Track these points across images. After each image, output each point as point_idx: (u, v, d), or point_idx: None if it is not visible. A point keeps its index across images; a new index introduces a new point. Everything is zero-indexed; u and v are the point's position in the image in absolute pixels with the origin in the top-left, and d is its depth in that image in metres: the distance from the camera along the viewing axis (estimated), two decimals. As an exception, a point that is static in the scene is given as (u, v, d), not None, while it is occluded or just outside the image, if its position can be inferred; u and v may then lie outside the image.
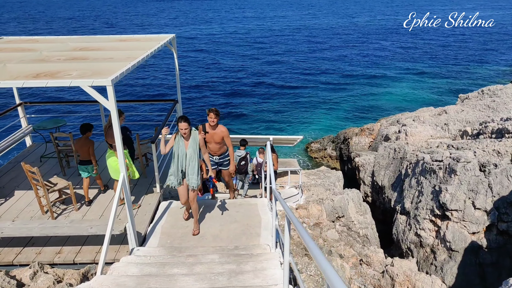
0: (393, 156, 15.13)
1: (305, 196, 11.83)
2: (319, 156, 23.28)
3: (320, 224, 10.23)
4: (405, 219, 11.35)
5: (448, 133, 16.49)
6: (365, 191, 17.05)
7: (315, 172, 16.23)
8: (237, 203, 7.31)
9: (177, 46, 8.94)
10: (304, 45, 53.89)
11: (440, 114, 18.68)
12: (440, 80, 36.52)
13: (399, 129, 17.91)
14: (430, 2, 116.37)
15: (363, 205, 11.34)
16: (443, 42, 53.08)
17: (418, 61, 43.56)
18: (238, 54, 48.50)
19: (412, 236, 10.70)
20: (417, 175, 11.55)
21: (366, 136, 20.85)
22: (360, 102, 31.21)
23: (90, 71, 5.61)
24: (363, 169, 17.03)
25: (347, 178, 18.19)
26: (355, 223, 10.71)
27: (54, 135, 7.90)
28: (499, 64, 41.76)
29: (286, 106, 30.46)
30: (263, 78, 37.99)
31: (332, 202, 10.49)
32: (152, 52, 6.83)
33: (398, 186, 13.60)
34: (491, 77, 36.74)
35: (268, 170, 6.93)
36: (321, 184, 13.10)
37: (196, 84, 36.00)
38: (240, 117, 28.50)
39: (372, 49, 50.25)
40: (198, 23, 78.35)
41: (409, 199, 11.49)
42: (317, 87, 35.19)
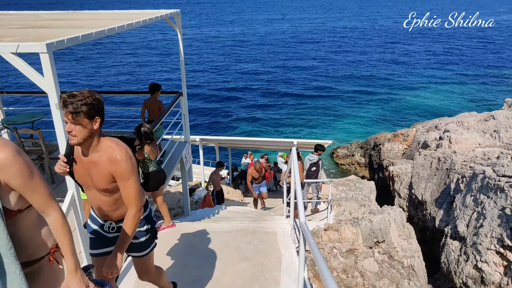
0: (437, 167, 12.70)
1: (334, 213, 9.62)
2: (346, 163, 20.93)
3: (355, 251, 8.00)
4: (459, 246, 8.97)
5: (499, 141, 13.89)
6: (400, 205, 14.64)
7: (344, 182, 13.97)
8: (250, 229, 5.22)
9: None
10: (329, 48, 51.38)
11: (486, 119, 16.03)
12: (474, 85, 33.40)
13: (440, 136, 15.41)
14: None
15: (406, 227, 9.03)
16: (478, 46, 49.49)
17: (448, 66, 40.39)
18: (261, 56, 46.50)
19: (470, 269, 8.32)
20: (474, 191, 9.15)
21: (400, 143, 18.38)
22: (389, 107, 28.60)
23: (33, 36, 3.65)
24: (399, 180, 14.63)
25: (378, 188, 15.77)
26: (398, 250, 8.42)
27: (19, 132, 6.02)
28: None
29: (312, 110, 28.19)
30: (287, 81, 35.82)
31: (370, 223, 8.25)
32: (133, 23, 4.84)
33: (445, 202, 11.19)
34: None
35: (293, 184, 4.87)
36: (354, 198, 10.85)
37: (209, 79, 34.22)
38: (262, 120, 26.44)
39: (398, 53, 47.25)
40: (221, 23, 76.89)
41: (464, 221, 9.10)
42: (343, 90, 32.75)
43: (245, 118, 26.58)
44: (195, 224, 5.80)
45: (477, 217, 8.65)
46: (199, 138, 12.07)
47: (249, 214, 8.41)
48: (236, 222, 5.79)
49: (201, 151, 12.39)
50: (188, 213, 8.08)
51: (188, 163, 7.54)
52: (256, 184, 9.90)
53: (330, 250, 8.00)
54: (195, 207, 10.88)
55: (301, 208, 3.90)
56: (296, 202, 4.43)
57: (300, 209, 3.87)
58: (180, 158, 7.17)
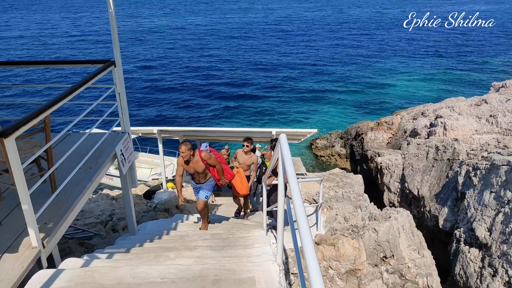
0: (434, 157, 10.81)
1: (325, 218, 7.49)
2: (325, 155, 18.95)
3: (358, 271, 5.90)
4: (481, 256, 7.03)
5: (497, 126, 12.20)
6: (390, 200, 12.77)
7: (329, 177, 11.90)
8: (209, 277, 2.96)
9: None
10: (306, 36, 49.29)
11: (478, 104, 14.36)
12: (453, 71, 32.10)
13: (431, 122, 13.61)
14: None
15: (416, 234, 7.01)
16: (450, 38, 48.58)
17: (427, 54, 39.11)
18: (235, 45, 43.93)
19: (500, 286, 6.38)
20: (495, 187, 7.22)
21: (384, 131, 16.52)
22: (368, 95, 26.81)
23: None
24: (388, 172, 12.71)
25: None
26: (410, 267, 6.39)
27: None
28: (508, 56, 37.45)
29: (287, 99, 26.05)
30: (258, 68, 33.53)
31: (375, 234, 6.16)
32: None
33: (449, 199, 9.28)
34: (504, 71, 32.45)
35: (281, 189, 2.71)
36: (345, 198, 8.77)
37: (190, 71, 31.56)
38: (234, 110, 24.09)
39: (376, 42, 45.72)
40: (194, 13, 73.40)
41: (484, 224, 7.16)
42: (319, 78, 30.77)
43: (217, 109, 24.17)
44: (117, 264, 3.50)
45: (504, 220, 6.71)
46: (157, 130, 9.67)
47: (217, 228, 6.14)
48: (189, 259, 3.51)
49: (161, 145, 10.00)
50: (133, 230, 5.74)
51: (127, 163, 5.17)
52: (195, 183, 6.11)
53: (324, 271, 5.87)
54: (152, 215, 8.52)
55: (305, 229, 1.72)
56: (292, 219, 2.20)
57: (303, 232, 1.69)
58: (112, 154, 4.81)
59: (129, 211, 5.63)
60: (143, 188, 11.57)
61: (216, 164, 5.88)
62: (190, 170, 5.90)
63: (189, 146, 5.58)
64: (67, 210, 3.74)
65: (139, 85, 28.92)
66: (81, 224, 7.61)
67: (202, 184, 6.04)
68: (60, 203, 3.81)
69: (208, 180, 6.03)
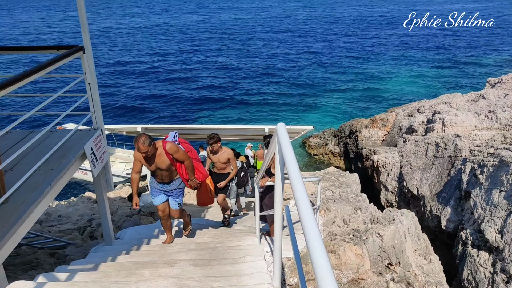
0: (435, 154, 10.26)
1: (323, 221, 6.87)
2: (319, 153, 18.36)
3: (361, 281, 5.28)
4: (491, 260, 6.46)
5: (497, 122, 11.71)
6: (388, 200, 12.21)
7: (325, 176, 11.27)
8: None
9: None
10: (301, 33, 48.70)
11: (475, 100, 13.86)
12: (446, 69, 31.78)
13: (428, 118, 13.09)
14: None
15: (422, 238, 6.42)
16: (445, 37, 48.33)
17: (421, 51, 38.74)
18: (226, 41, 43.17)
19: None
20: (506, 186, 6.66)
21: (379, 129, 15.98)
22: (360, 92, 26.31)
23: None
24: (385, 171, 12.15)
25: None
26: (417, 274, 5.79)
27: None
28: (503, 54, 37.26)
29: (280, 96, 25.42)
30: (249, 65, 32.85)
31: (379, 239, 5.54)
32: None
33: (452, 198, 8.73)
34: (499, 67, 32.23)
35: (278, 193, 2.12)
36: (343, 198, 8.16)
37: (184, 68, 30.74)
38: (225, 107, 23.39)
39: (369, 40, 45.25)
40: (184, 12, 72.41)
41: (494, 226, 6.60)
42: (312, 76, 30.20)
43: (206, 107, 23.45)
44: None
45: (516, 221, 6.16)
46: (141, 128, 8.96)
47: (204, 235, 5.45)
48: (165, 280, 2.85)
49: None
50: (110, 239, 5.04)
51: (99, 163, 4.47)
52: (158, 183, 4.74)
53: (324, 281, 5.24)
54: (135, 219, 7.80)
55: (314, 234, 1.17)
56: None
57: (311, 238, 1.15)
58: (80, 153, 4.10)
59: (105, 218, 4.92)
60: (127, 190, 10.84)
61: (185, 160, 4.52)
62: (151, 167, 4.54)
63: (149, 140, 4.24)
64: (17, 222, 3.04)
65: (127, 82, 28.05)
66: (55, 231, 6.87)
67: (166, 184, 4.68)
68: (9, 213, 3.11)
69: (175, 181, 4.70)
